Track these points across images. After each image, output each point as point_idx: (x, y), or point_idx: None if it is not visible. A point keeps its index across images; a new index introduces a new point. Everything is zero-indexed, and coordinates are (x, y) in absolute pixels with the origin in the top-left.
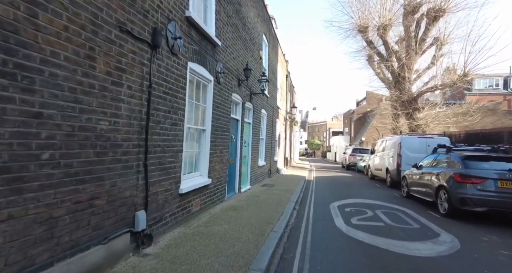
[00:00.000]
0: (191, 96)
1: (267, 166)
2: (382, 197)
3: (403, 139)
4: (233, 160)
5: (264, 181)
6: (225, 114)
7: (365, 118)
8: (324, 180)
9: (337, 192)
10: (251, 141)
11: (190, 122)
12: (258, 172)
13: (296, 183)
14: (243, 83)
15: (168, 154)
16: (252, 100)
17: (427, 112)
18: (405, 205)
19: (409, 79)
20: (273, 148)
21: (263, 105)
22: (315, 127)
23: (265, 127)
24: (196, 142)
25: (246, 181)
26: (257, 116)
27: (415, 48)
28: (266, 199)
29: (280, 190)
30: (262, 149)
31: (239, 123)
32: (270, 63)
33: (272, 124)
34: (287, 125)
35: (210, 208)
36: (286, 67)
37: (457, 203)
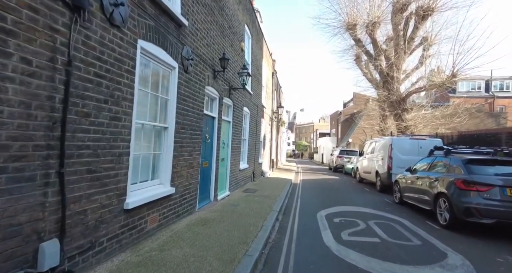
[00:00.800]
0: (144, 84)
1: (250, 169)
2: (373, 204)
3: (394, 141)
4: (208, 164)
5: (246, 186)
6: (196, 109)
7: (352, 120)
8: (311, 184)
9: (325, 197)
10: (230, 141)
11: (142, 117)
12: (239, 176)
13: (281, 187)
14: (220, 76)
15: (105, 158)
16: (232, 96)
17: (415, 113)
18: (399, 214)
19: (398, 79)
20: (257, 149)
21: (245, 103)
22: (302, 129)
23: (248, 127)
24: (155, 143)
25: (224, 187)
26: (238, 114)
27: (403, 47)
28: (245, 208)
29: (263, 197)
30: (245, 151)
31: (216, 121)
32: (254, 58)
33: (256, 124)
34: (273, 125)
35: (174, 223)
36: (272, 65)
37: (460, 214)
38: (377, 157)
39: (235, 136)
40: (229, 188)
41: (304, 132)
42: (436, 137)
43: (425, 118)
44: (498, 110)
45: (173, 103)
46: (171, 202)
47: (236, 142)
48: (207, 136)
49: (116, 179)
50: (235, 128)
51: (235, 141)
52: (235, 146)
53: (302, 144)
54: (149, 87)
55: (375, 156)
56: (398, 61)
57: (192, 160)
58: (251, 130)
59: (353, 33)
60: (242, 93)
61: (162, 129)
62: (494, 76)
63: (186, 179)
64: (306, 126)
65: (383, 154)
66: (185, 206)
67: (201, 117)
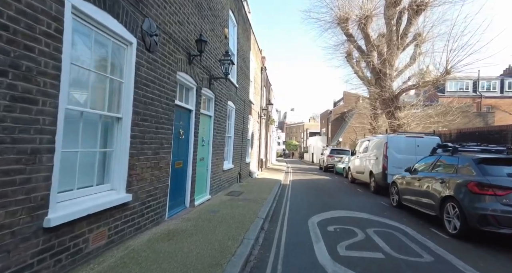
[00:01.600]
0: (80, 59)
1: (236, 169)
2: (369, 208)
3: (389, 139)
4: (182, 164)
5: (231, 188)
6: (164, 98)
7: (343, 119)
8: (301, 185)
9: (317, 200)
10: (212, 139)
11: (80, 102)
12: (222, 178)
13: (269, 189)
14: (197, 61)
15: (7, 156)
16: (213, 87)
17: (408, 111)
18: (399, 220)
19: (390, 76)
20: (244, 148)
21: (230, 97)
22: (292, 128)
23: (234, 123)
24: (103, 137)
25: (203, 190)
26: (221, 108)
27: (396, 43)
28: (225, 215)
29: (248, 200)
30: (230, 150)
31: (193, 114)
32: (240, 49)
33: (243, 121)
34: (262, 123)
35: (132, 237)
36: (261, 60)
37: (474, 222)
38: (371, 156)
39: (218, 133)
40: (210, 191)
41: (294, 132)
42: (433, 135)
43: (418, 116)
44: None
45: (130, 88)
46: (127, 212)
47: (219, 139)
48: (181, 132)
49: (28, 187)
50: (218, 124)
51: (218, 139)
52: (218, 144)
53: (292, 144)
54: (91, 63)
55: (368, 155)
56: (391, 57)
57: (159, 160)
58: (237, 127)
59: (345, 26)
60: (226, 85)
61: (114, 120)
62: (481, 76)
63: (150, 183)
64: (297, 126)
65: (377, 153)
66: (149, 215)
67: (172, 109)
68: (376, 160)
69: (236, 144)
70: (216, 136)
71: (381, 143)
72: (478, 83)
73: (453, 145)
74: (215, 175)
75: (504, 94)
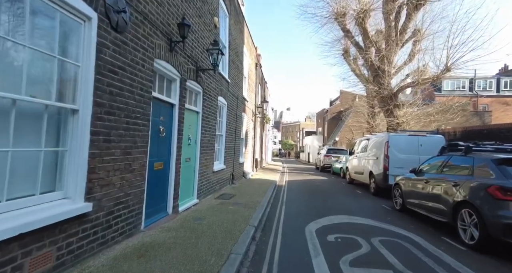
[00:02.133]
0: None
1: (229, 170)
2: (371, 212)
3: (390, 138)
4: (163, 165)
5: (222, 190)
6: (138, 89)
7: (339, 118)
8: (297, 186)
9: (314, 203)
10: (200, 137)
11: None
12: (213, 179)
13: (263, 191)
14: (180, 49)
15: None
16: (200, 80)
17: (407, 109)
18: (406, 227)
19: (389, 73)
20: (237, 147)
21: (221, 92)
22: (288, 127)
23: (226, 121)
24: (50, 134)
25: (190, 194)
26: (211, 104)
27: (395, 39)
28: (212, 223)
29: (240, 205)
30: (221, 149)
31: (175, 109)
32: (232, 41)
33: (236, 118)
34: (257, 121)
35: (94, 255)
36: (256, 56)
37: (496, 232)
38: (371, 156)
39: (207, 131)
40: (198, 194)
41: (290, 131)
42: (437, 133)
43: (417, 115)
44: (481, 109)
45: (89, 74)
46: (86, 224)
47: (209, 138)
48: (161, 129)
49: None
50: (207, 121)
51: (207, 137)
52: (207, 143)
53: (288, 143)
54: (27, 38)
55: (368, 155)
56: (389, 53)
57: (131, 161)
58: (230, 125)
59: (342, 22)
60: (216, 79)
61: (69, 112)
62: (477, 75)
63: (120, 189)
64: (293, 125)
65: (377, 153)
66: (119, 226)
67: (148, 101)
68: (376, 160)
69: (228, 143)
70: (205, 135)
71: (381, 142)
72: (475, 82)
73: (466, 144)
74: (204, 177)
75: (500, 93)
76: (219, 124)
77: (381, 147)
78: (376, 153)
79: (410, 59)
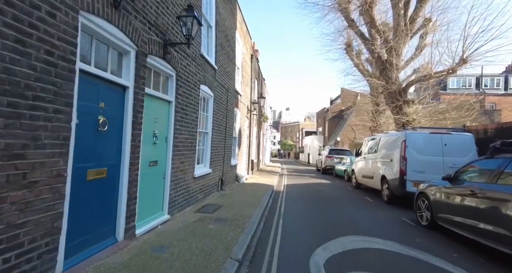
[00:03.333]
0: None
1: (217, 174)
2: (390, 229)
3: (408, 136)
4: (106, 173)
5: (207, 199)
6: (43, 53)
7: (341, 117)
8: (297, 192)
9: (318, 216)
10: (172, 134)
11: None
12: (193, 187)
13: (257, 199)
14: (132, 8)
15: None
16: (171, 59)
17: (417, 106)
18: (448, 255)
19: (397, 66)
20: (228, 148)
21: (205, 80)
22: (288, 128)
23: (212, 116)
24: None
25: (157, 209)
26: (189, 93)
27: (404, 29)
28: (177, 257)
29: (224, 221)
30: (207, 149)
31: (129, 94)
32: (220, 22)
33: (227, 114)
34: (253, 119)
35: None
36: (251, 47)
37: None
38: (383, 157)
39: (184, 127)
40: (170, 208)
41: (289, 131)
42: (463, 131)
43: (429, 112)
44: (488, 108)
45: None
46: None
47: (186, 135)
48: (101, 120)
49: None
50: (183, 113)
51: (184, 134)
52: (184, 142)
53: (287, 144)
54: None
55: (379, 156)
56: (397, 45)
57: (31, 169)
58: (218, 121)
59: (347, 9)
60: (198, 62)
61: None
62: (484, 73)
63: (5, 216)
64: (292, 125)
65: (391, 154)
66: None
67: (68, 76)
68: (389, 162)
69: (216, 142)
70: (181, 131)
71: (396, 141)
72: (482, 80)
73: None
74: (179, 185)
75: (508, 92)
76: (203, 120)
77: (395, 147)
78: (389, 155)
79: (420, 50)
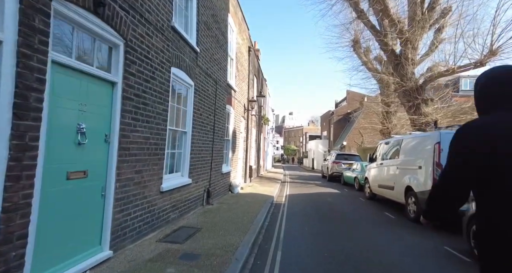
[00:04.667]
0: None
1: (201, 185)
2: (438, 269)
3: (444, 137)
4: None
5: (184, 219)
6: None
7: (346, 120)
8: (301, 206)
9: (330, 246)
10: (118, 130)
11: None
12: (162, 205)
13: (250, 218)
14: None
15: None
16: (112, 18)
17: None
18: None
19: (413, 61)
20: (218, 152)
21: (179, 61)
22: (291, 132)
23: (193, 111)
24: None
25: (89, 244)
26: (149, 74)
27: (421, 19)
28: None
29: (194, 260)
30: (185, 154)
31: (5, 50)
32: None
33: (216, 111)
34: (251, 120)
35: None
36: (248, 38)
37: None
38: (407, 164)
39: (142, 121)
40: (114, 240)
41: (293, 136)
42: None
43: (450, 111)
44: None
45: None
46: None
47: (146, 134)
48: None
49: None
50: (140, 102)
51: (141, 132)
52: (142, 143)
53: (290, 149)
54: None
55: (402, 162)
56: (413, 37)
57: None
58: (202, 118)
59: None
60: (167, 36)
61: None
62: None
63: None
64: (295, 130)
65: (420, 160)
66: None
67: None
68: (417, 170)
69: (199, 145)
70: (136, 127)
71: (425, 144)
72: None
73: None
74: (134, 204)
75: None
76: (179, 115)
77: (425, 151)
78: (416, 160)
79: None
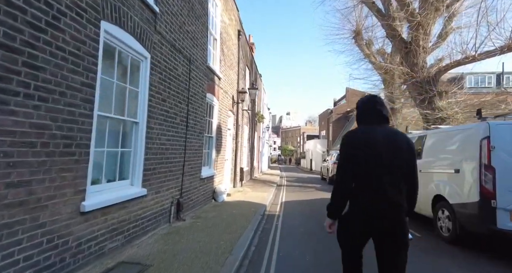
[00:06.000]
0: None
1: (164, 195)
2: None
3: (494, 130)
4: None
5: (132, 248)
6: None
7: (346, 119)
8: (300, 218)
9: None
10: None
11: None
12: (88, 231)
13: (232, 240)
14: None
15: None
16: None
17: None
18: None
19: (425, 49)
20: (195, 152)
21: (124, 20)
22: (288, 132)
23: (149, 93)
24: None
25: None
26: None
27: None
28: None
29: None
30: (136, 153)
31: None
32: None
33: (190, 99)
34: (242, 115)
35: None
36: (237, 19)
37: None
38: (437, 166)
39: (35, 99)
40: None
41: (290, 136)
42: None
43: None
44: None
45: None
46: None
47: (46, 118)
48: None
49: None
50: (26, 59)
51: (33, 116)
52: (31, 136)
53: (288, 149)
54: None
55: (426, 164)
56: (425, 21)
57: None
58: (166, 105)
59: None
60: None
61: None
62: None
63: None
64: (293, 130)
65: (456, 162)
66: None
67: None
68: (453, 174)
69: (161, 141)
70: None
71: (465, 140)
72: (503, 77)
73: None
74: (8, 244)
75: None
76: (124, 97)
77: (465, 149)
78: (449, 163)
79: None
